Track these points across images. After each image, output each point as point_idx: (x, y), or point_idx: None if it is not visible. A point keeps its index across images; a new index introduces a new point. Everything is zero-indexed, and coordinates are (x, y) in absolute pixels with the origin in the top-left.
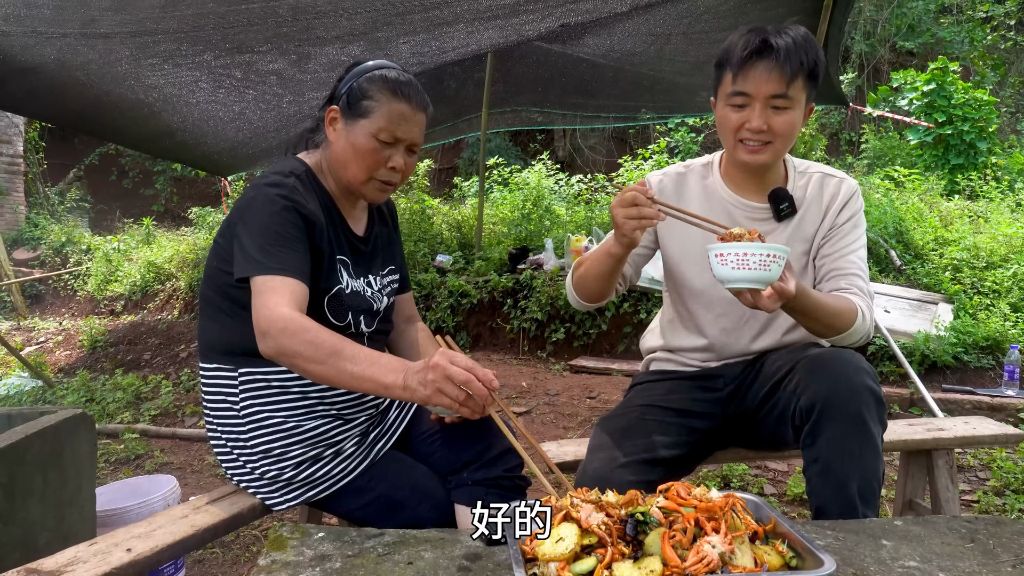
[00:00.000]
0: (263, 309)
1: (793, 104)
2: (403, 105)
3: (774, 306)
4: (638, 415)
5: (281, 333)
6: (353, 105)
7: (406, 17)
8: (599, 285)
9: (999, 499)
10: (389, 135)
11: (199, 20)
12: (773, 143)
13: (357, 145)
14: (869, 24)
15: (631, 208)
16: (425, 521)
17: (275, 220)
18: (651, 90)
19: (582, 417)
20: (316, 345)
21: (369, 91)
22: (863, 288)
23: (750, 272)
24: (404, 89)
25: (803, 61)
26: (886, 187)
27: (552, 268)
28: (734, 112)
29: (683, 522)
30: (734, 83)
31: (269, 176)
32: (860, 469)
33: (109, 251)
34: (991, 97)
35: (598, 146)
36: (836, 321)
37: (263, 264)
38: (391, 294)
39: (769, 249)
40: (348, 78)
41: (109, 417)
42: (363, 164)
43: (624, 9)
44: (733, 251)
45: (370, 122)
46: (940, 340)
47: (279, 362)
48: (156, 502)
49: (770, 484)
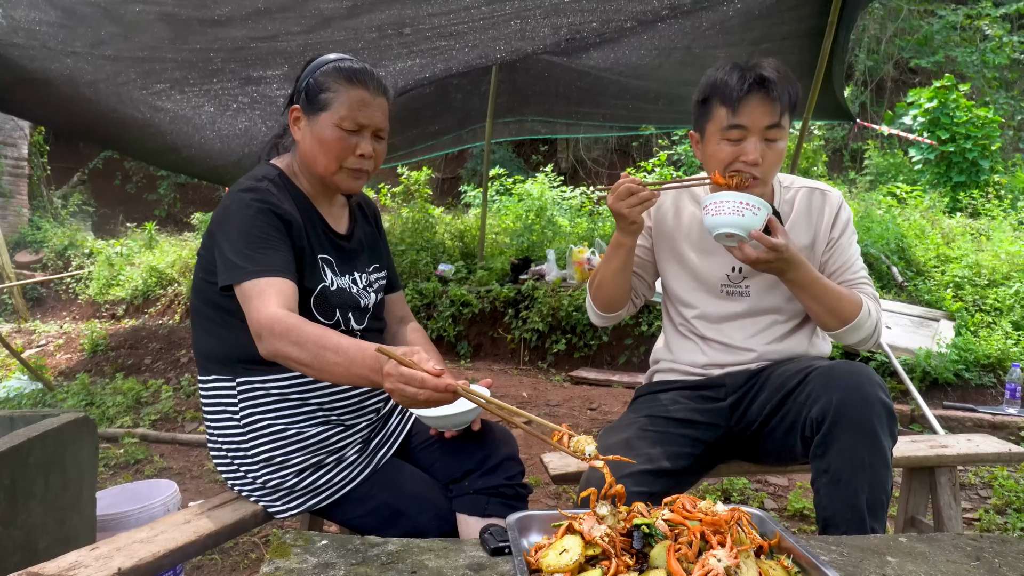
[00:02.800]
0: (254, 313)
1: (783, 135)
2: (361, 91)
3: (758, 255)
4: (641, 426)
5: (271, 335)
6: (312, 100)
7: (413, 48)
8: (614, 286)
9: (1000, 517)
10: (352, 122)
11: (207, 54)
12: (764, 178)
13: (323, 137)
14: (873, 41)
15: (629, 197)
16: (427, 530)
17: (252, 224)
18: (655, 102)
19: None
20: (301, 344)
21: (325, 83)
22: (871, 293)
23: (725, 217)
24: (359, 75)
25: (790, 93)
26: (888, 203)
27: (554, 279)
28: (730, 145)
29: (688, 535)
30: (732, 116)
31: (242, 183)
32: (870, 481)
33: (111, 255)
34: (996, 116)
35: (601, 158)
36: (839, 306)
37: (245, 269)
38: (378, 291)
39: (742, 197)
40: (304, 76)
41: (109, 421)
42: (331, 155)
43: (631, 25)
44: (712, 200)
45: (331, 113)
46: (941, 357)
47: (281, 363)
48: (156, 507)
49: (771, 499)
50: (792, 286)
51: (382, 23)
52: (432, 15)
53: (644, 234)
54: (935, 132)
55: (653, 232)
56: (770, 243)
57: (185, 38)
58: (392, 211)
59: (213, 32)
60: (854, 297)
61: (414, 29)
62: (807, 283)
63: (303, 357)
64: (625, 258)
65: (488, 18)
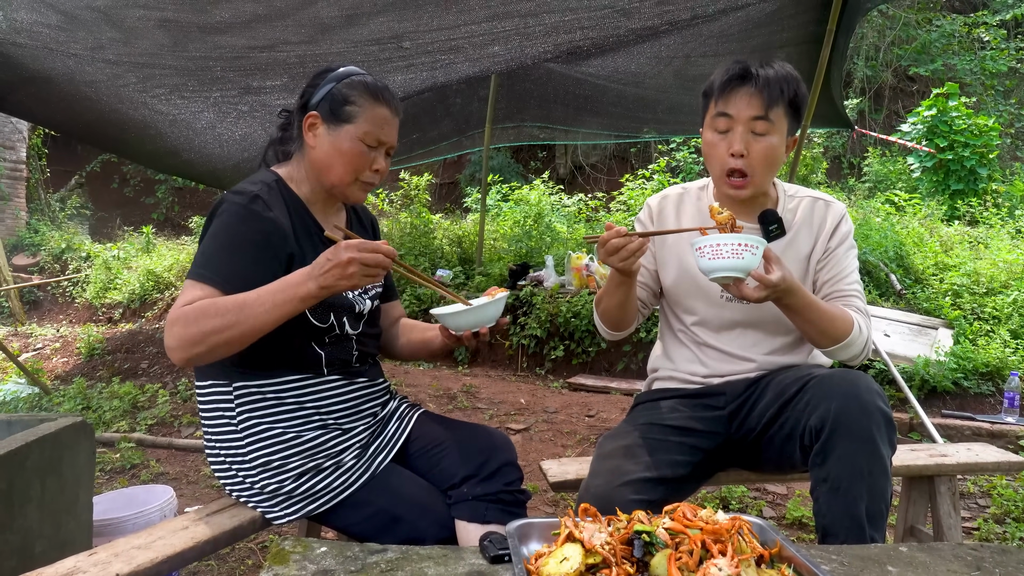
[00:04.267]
0: (170, 312)
1: (773, 130)
2: (384, 109)
3: (758, 295)
4: (640, 433)
5: (174, 325)
6: (336, 110)
7: (412, 61)
8: (620, 313)
9: (999, 527)
10: (374, 139)
11: (206, 62)
12: (753, 176)
13: (343, 149)
14: (872, 49)
15: (618, 252)
16: (425, 536)
17: (230, 230)
18: (653, 109)
19: (580, 435)
20: (221, 314)
21: (351, 96)
22: (861, 308)
23: (724, 261)
24: (384, 94)
25: (783, 90)
26: (887, 211)
27: (552, 285)
28: (718, 137)
29: (689, 544)
30: (717, 106)
31: (237, 187)
32: (869, 490)
33: (108, 259)
34: (995, 124)
35: (599, 164)
36: (831, 327)
37: (196, 271)
38: (374, 298)
39: (740, 239)
40: (324, 84)
41: (105, 425)
42: (350, 167)
43: (631, 38)
44: (707, 243)
45: (355, 127)
46: (940, 365)
47: (194, 359)
48: (153, 513)
49: (769, 507)
50: (787, 310)
51: (381, 36)
52: (432, 30)
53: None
54: (933, 140)
55: (655, 240)
56: (770, 282)
57: (184, 45)
58: (391, 216)
59: (212, 40)
60: (846, 316)
61: (414, 43)
62: (801, 307)
63: (228, 319)
64: (626, 293)
65: (488, 34)
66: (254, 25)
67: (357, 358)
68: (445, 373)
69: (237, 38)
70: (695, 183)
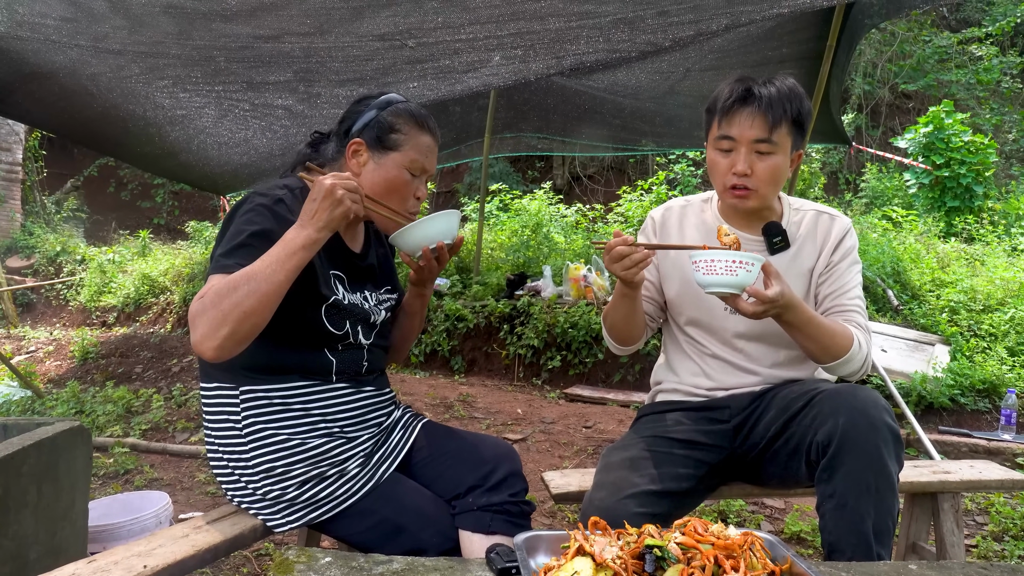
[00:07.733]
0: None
1: (777, 150)
2: (428, 137)
3: (754, 310)
4: (645, 446)
5: (196, 317)
6: (383, 138)
7: (416, 66)
8: (627, 327)
9: (997, 544)
10: (419, 167)
11: (211, 52)
12: (757, 189)
13: (390, 178)
14: (869, 66)
15: (622, 260)
16: (428, 546)
17: (252, 224)
18: (652, 121)
19: (578, 447)
20: (234, 288)
21: (396, 124)
22: (861, 323)
23: (719, 277)
24: (428, 123)
25: (786, 109)
26: (883, 227)
27: (550, 295)
28: (721, 156)
29: (702, 559)
30: (720, 128)
31: (261, 188)
32: (876, 506)
33: (103, 262)
34: (991, 141)
35: (597, 175)
36: (831, 343)
37: (218, 263)
38: (388, 310)
39: (735, 256)
40: (368, 111)
41: (99, 430)
42: (398, 196)
43: (634, 55)
44: (703, 258)
45: (401, 155)
46: (937, 381)
47: (226, 346)
48: (148, 519)
49: (767, 521)
50: (786, 326)
51: (385, 32)
52: (436, 28)
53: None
54: (930, 157)
55: (658, 253)
56: (766, 297)
57: (189, 33)
58: None
59: (217, 28)
60: (846, 332)
61: (418, 42)
62: (801, 323)
63: (241, 291)
64: (632, 306)
65: (493, 36)
66: (260, 13)
67: (367, 368)
68: (442, 382)
69: (242, 26)
70: (698, 196)
